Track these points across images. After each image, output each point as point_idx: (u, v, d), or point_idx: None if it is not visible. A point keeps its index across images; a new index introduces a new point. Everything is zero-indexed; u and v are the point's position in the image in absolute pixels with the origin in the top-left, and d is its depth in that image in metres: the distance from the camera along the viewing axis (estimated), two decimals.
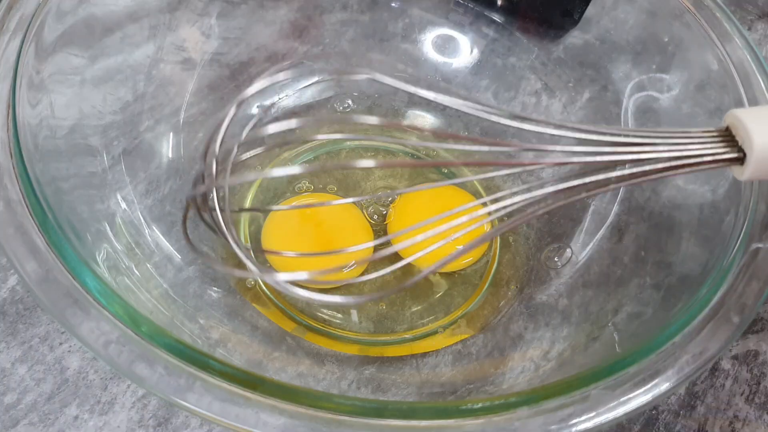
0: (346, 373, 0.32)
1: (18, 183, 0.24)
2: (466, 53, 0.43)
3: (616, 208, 0.36)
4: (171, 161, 0.36)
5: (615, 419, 0.22)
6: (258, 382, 0.21)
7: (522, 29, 0.42)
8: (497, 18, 0.42)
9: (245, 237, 0.38)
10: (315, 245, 0.37)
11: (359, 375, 0.31)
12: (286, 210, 0.37)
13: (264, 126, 0.23)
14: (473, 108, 0.24)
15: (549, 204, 0.25)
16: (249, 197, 0.39)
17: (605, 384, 0.22)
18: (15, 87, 0.26)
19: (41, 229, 0.23)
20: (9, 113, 0.25)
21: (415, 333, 0.35)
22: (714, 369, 0.36)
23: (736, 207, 0.28)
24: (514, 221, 0.25)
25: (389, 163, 0.28)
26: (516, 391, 0.27)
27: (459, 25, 0.43)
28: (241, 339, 0.31)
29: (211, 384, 0.21)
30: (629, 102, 0.37)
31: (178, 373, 0.21)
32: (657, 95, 0.36)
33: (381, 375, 0.32)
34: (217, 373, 0.21)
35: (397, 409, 0.22)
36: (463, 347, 0.34)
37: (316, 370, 0.32)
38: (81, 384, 0.32)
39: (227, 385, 0.21)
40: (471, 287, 0.37)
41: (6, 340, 0.33)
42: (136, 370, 0.21)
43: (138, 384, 0.21)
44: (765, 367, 0.36)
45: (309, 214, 0.37)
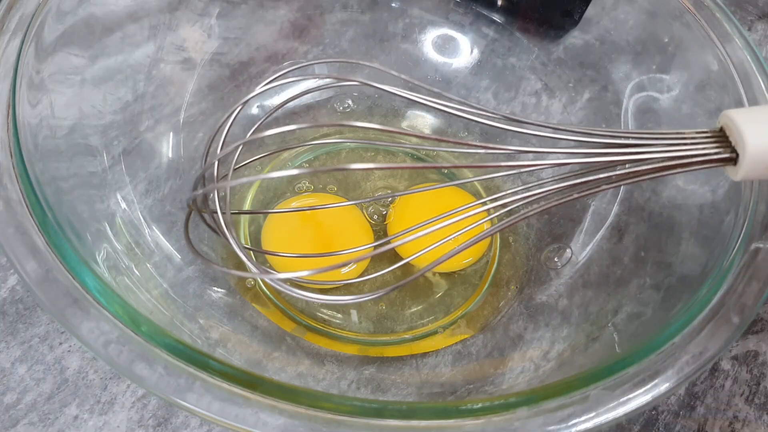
0: (345, 374, 0.32)
1: (18, 183, 0.24)
2: (466, 53, 0.43)
3: (616, 208, 0.36)
4: (171, 161, 0.36)
5: (615, 419, 0.22)
6: (257, 382, 0.21)
7: (522, 29, 0.42)
8: (497, 18, 0.42)
9: (245, 237, 0.38)
10: (315, 246, 0.37)
11: (359, 375, 0.31)
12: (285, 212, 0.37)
13: (265, 127, 0.23)
14: (469, 113, 0.24)
15: (547, 203, 0.25)
16: (249, 197, 0.39)
17: (605, 384, 0.22)
18: (15, 87, 0.26)
19: (41, 229, 0.23)
20: (9, 113, 0.25)
21: (415, 333, 0.35)
22: (714, 369, 0.36)
23: (736, 207, 0.28)
24: (512, 219, 0.25)
25: (389, 166, 0.29)
26: (516, 392, 0.27)
27: (459, 26, 0.43)
28: (241, 339, 0.31)
29: (211, 384, 0.21)
30: (629, 102, 0.37)
31: (177, 373, 0.21)
32: (657, 96, 0.36)
33: (381, 375, 0.32)
34: (217, 373, 0.21)
35: (397, 410, 0.22)
36: (463, 347, 0.34)
37: (315, 370, 0.32)
38: (81, 384, 0.32)
39: (227, 385, 0.21)
40: (471, 287, 0.37)
41: (6, 339, 0.33)
42: (135, 369, 0.21)
43: (138, 384, 0.21)
44: (765, 368, 0.36)
45: (309, 214, 0.37)
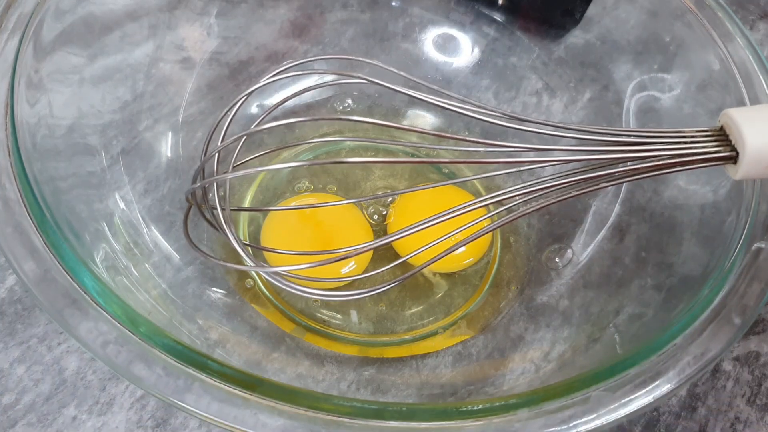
0: (345, 374, 0.31)
1: (16, 182, 0.24)
2: (466, 53, 0.43)
3: (617, 208, 0.36)
4: (170, 161, 0.36)
5: (616, 421, 0.22)
6: (257, 383, 0.21)
7: (523, 29, 0.42)
8: (498, 17, 0.42)
9: (244, 237, 0.37)
10: (315, 246, 0.36)
11: (359, 376, 0.31)
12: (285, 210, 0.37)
13: (264, 125, 0.23)
14: (470, 110, 0.24)
15: (546, 201, 0.25)
16: (249, 197, 0.39)
17: (606, 385, 0.22)
18: (13, 86, 0.26)
19: (39, 229, 0.23)
20: (7, 112, 0.25)
21: (415, 334, 0.35)
22: (715, 370, 0.35)
23: (737, 207, 0.28)
24: (512, 216, 0.25)
25: (389, 161, 0.29)
26: (516, 393, 0.27)
27: (460, 25, 0.43)
28: (240, 339, 0.31)
29: (210, 385, 0.21)
30: (630, 102, 0.37)
31: (176, 374, 0.21)
32: (658, 95, 0.36)
33: (381, 376, 0.32)
34: (216, 374, 0.21)
35: (397, 411, 0.21)
36: (464, 348, 0.34)
37: (315, 371, 0.31)
38: (79, 384, 0.32)
39: (226, 386, 0.21)
40: (471, 288, 0.37)
41: (4, 340, 0.33)
42: (134, 370, 0.21)
43: (136, 384, 0.21)
44: (766, 369, 0.36)
45: (309, 214, 0.37)
